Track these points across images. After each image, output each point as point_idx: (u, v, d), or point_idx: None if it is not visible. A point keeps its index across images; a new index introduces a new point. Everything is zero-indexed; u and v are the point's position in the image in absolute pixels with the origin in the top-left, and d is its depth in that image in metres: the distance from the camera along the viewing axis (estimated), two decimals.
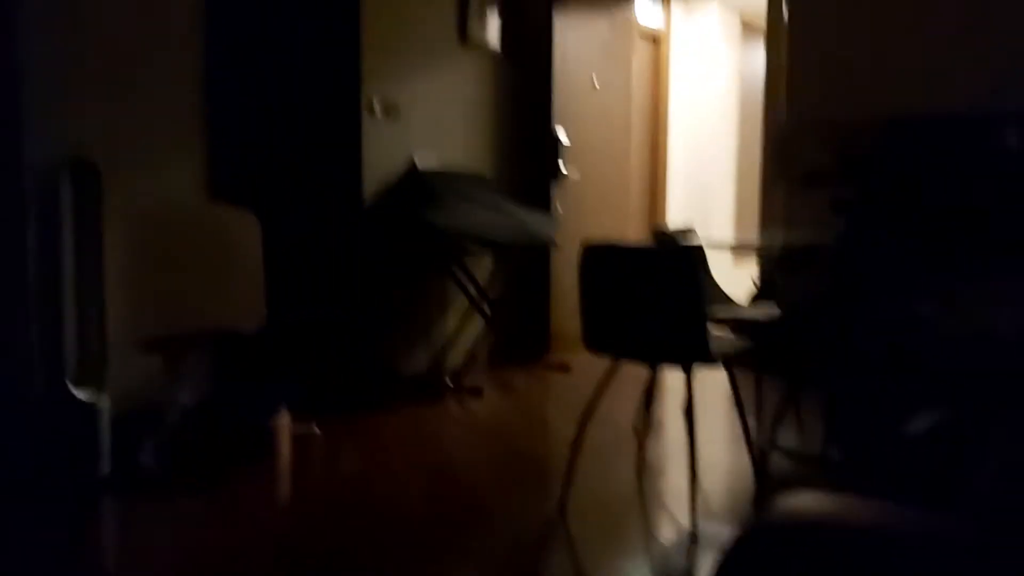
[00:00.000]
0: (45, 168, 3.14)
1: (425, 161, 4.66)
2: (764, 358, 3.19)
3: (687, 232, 3.92)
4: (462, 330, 4.87)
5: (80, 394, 3.11)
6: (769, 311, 3.54)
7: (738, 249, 5.05)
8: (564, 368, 5.06)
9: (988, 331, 2.33)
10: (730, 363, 2.89)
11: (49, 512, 2.87)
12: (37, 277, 3.16)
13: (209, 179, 3.68)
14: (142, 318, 3.27)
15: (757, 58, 7.58)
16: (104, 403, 3.11)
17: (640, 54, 6.64)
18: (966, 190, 3.06)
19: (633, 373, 3.22)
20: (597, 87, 5.70)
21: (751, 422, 3.42)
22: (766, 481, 3.07)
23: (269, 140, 3.95)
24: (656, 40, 6.99)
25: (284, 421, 3.48)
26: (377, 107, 4.38)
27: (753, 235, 5.79)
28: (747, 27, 7.92)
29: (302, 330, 4.05)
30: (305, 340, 4.08)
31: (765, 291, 4.42)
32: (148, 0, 3.46)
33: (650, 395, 3.69)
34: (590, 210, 5.62)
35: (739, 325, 3.42)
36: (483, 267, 4.91)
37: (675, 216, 7.07)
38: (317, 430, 3.70)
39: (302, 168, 4.10)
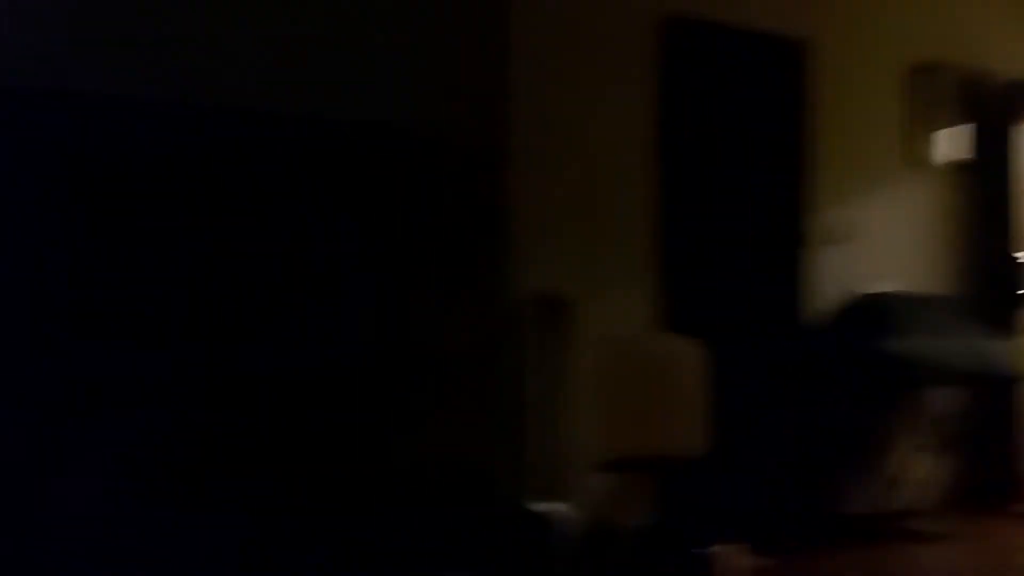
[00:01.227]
0: (525, 302, 3.55)
1: (878, 285, 4.46)
2: None
3: None
4: (917, 469, 4.48)
5: (541, 508, 3.39)
6: None
7: None
8: None
9: None
10: None
11: None
12: (506, 399, 3.55)
13: (661, 310, 3.88)
14: (600, 440, 3.49)
15: None
16: (563, 517, 3.35)
17: None
18: None
19: None
20: None
21: None
22: None
23: (717, 270, 4.08)
24: None
25: (734, 552, 3.45)
26: (826, 231, 4.34)
27: None
28: None
29: (750, 459, 4.03)
30: (753, 469, 4.04)
31: None
32: (607, 137, 3.81)
33: None
34: None
35: None
36: (943, 399, 4.52)
37: None
38: (770, 563, 3.60)
39: (752, 295, 4.16)
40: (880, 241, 4.55)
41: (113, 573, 2.73)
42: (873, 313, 4.28)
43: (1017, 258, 4.83)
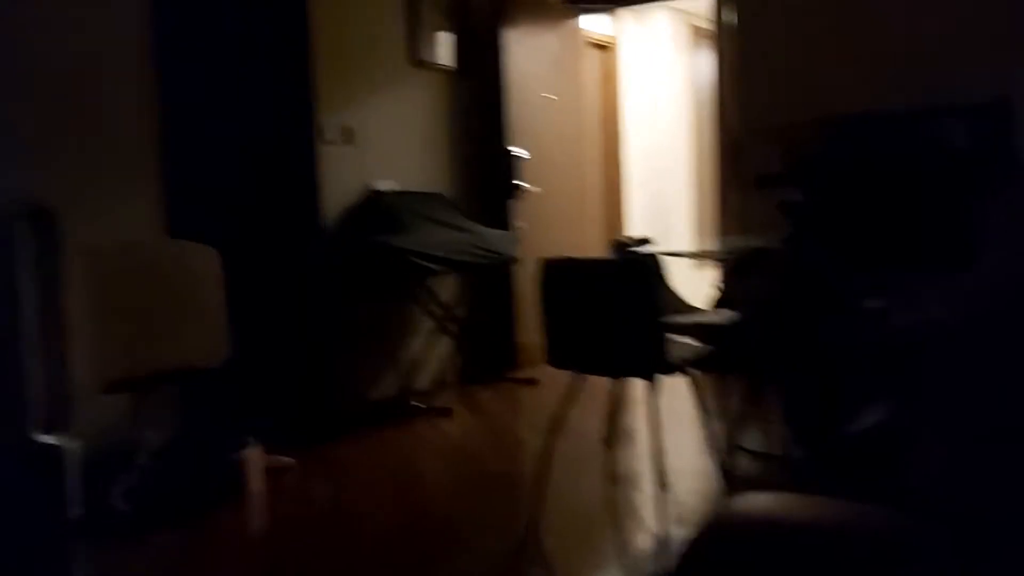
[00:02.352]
0: (1, 216, 3.14)
1: (383, 184, 4.69)
2: (723, 361, 3.25)
3: (644, 242, 3.98)
4: (429, 351, 4.89)
5: (46, 439, 3.10)
6: (727, 315, 3.61)
7: (695, 256, 5.12)
8: (531, 382, 5.10)
9: (933, 322, 2.40)
10: (691, 368, 2.94)
11: (20, 560, 2.85)
12: None
13: (167, 216, 3.69)
14: (106, 359, 3.26)
15: (709, 63, 7.70)
16: (72, 447, 3.10)
17: (590, 64, 6.72)
18: (908, 184, 3.14)
19: (601, 384, 3.27)
20: (549, 99, 5.77)
21: (716, 426, 3.48)
22: (732, 483, 3.12)
23: (225, 173, 3.96)
24: (605, 48, 7.08)
25: (255, 455, 3.48)
26: (331, 133, 4.42)
27: (713, 241, 5.89)
28: (697, 32, 8.04)
29: (268, 362, 4.05)
30: (271, 371, 4.08)
31: (726, 296, 4.49)
32: (96, 40, 3.48)
33: (616, 405, 3.74)
34: (550, 224, 5.68)
35: (698, 330, 3.48)
36: (446, 286, 4.94)
37: (636, 226, 7.15)
38: (290, 461, 3.71)
39: (260, 199, 4.12)
40: (385, 141, 4.77)
41: None
42: (382, 210, 4.51)
43: (512, 152, 5.37)
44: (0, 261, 3.15)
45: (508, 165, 5.39)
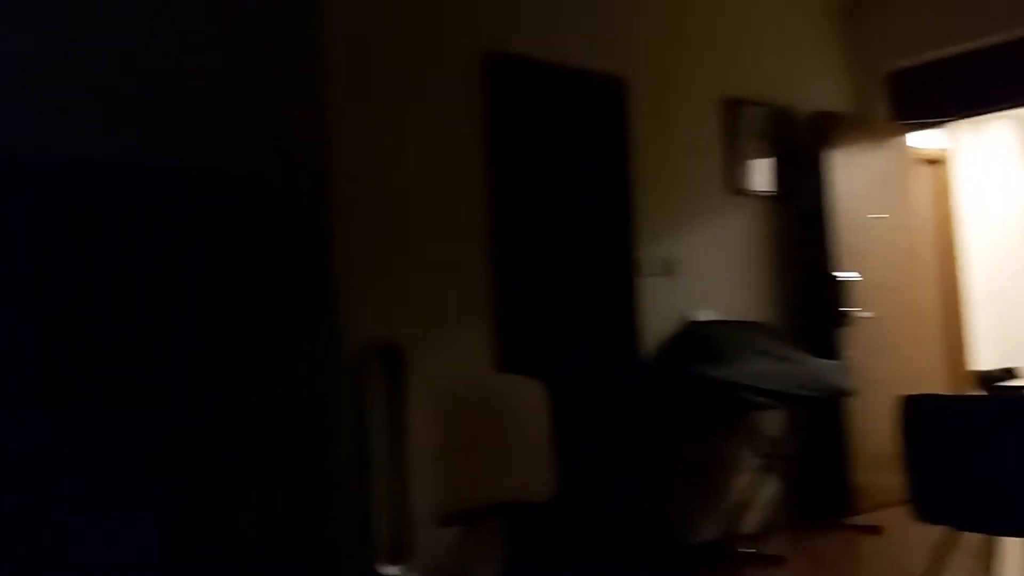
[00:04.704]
0: (356, 351, 3.37)
1: (702, 314, 4.55)
2: None
3: (1009, 373, 3.48)
4: (755, 492, 4.56)
5: (390, 571, 3.19)
6: None
7: None
8: (874, 530, 4.57)
9: None
10: None
11: None
12: (348, 458, 3.34)
13: (496, 351, 3.79)
14: (442, 492, 3.34)
15: None
16: None
17: (920, 180, 6.25)
18: None
19: (965, 538, 2.80)
20: (879, 218, 5.39)
21: None
22: None
23: (550, 307, 4.03)
24: (936, 163, 6.57)
25: None
26: (650, 265, 4.38)
27: None
28: None
29: (592, 497, 3.96)
30: (595, 507, 3.98)
31: None
32: (437, 181, 3.71)
33: (990, 567, 3.20)
34: (885, 351, 5.19)
35: None
36: (771, 421, 4.62)
37: (981, 352, 6.38)
38: None
39: (583, 331, 4.14)
40: (703, 270, 4.65)
41: None
42: (703, 340, 4.35)
43: (836, 278, 5.04)
44: (353, 396, 3.37)
45: (835, 290, 5.06)
